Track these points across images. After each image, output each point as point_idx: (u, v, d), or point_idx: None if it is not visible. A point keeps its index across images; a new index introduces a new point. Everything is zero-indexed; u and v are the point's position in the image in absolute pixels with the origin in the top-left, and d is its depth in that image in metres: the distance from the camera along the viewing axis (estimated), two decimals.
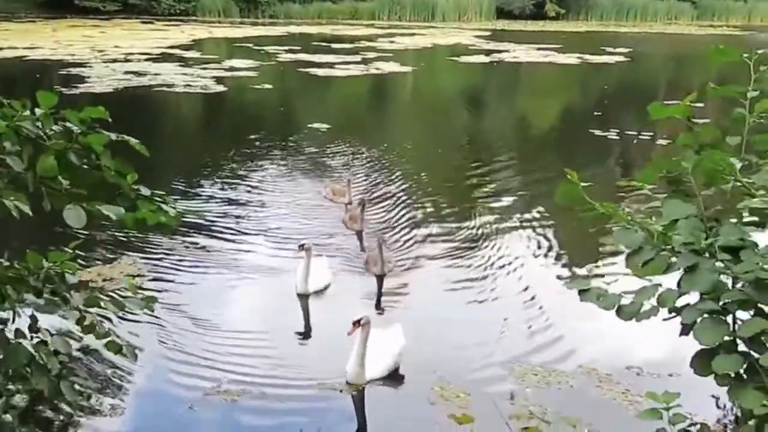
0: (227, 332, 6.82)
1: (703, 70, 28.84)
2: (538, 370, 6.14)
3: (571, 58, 31.84)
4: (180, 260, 8.47)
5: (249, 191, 11.49)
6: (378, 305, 7.53)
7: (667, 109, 2.87)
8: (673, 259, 2.72)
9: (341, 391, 5.81)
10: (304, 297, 7.54)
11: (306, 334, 7.03)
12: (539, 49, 35.24)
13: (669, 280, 2.77)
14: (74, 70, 22.98)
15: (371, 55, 30.63)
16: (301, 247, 7.55)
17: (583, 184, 2.87)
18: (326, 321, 7.18)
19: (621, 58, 32.70)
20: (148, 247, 8.68)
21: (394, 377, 6.09)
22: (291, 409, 5.62)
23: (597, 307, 2.92)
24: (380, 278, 7.99)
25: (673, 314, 2.79)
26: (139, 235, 8.89)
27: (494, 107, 23.14)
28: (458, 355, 6.44)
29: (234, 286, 7.90)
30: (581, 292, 2.98)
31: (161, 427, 5.37)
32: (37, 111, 3.41)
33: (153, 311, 4.22)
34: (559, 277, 8.44)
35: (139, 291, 7.45)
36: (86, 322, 4.04)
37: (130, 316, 6.06)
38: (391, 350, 6.13)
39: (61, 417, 5.27)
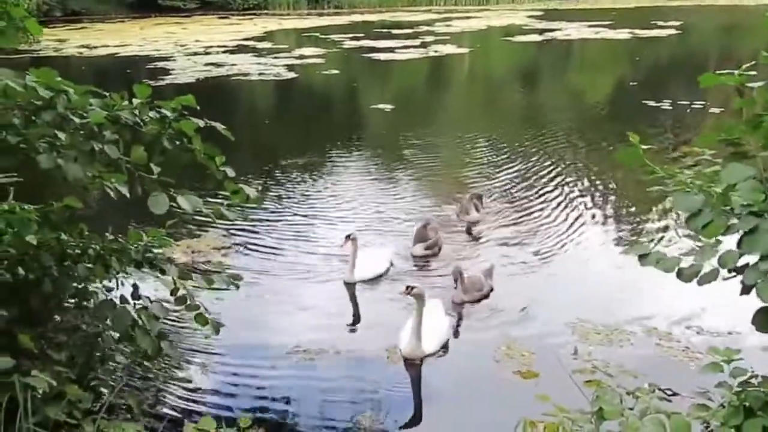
0: (303, 302, 6.88)
1: (753, 39, 27.57)
2: (600, 329, 6.04)
3: (621, 33, 30.83)
4: (260, 237, 8.58)
5: (321, 170, 11.57)
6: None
7: (717, 78, 2.76)
8: (733, 221, 2.62)
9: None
10: (350, 285, 7.14)
11: (358, 317, 6.72)
12: (590, 26, 34.24)
13: (728, 240, 2.67)
14: (160, 64, 23.45)
15: (429, 38, 30.30)
16: (348, 237, 7.20)
17: (643, 146, 2.81)
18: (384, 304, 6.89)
19: (672, 31, 31.50)
20: (232, 224, 8.80)
21: (461, 337, 6.08)
22: (364, 367, 5.67)
23: (656, 270, 2.85)
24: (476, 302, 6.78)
25: (734, 274, 2.70)
26: None
27: (549, 82, 22.60)
28: (523, 316, 6.39)
29: (307, 265, 7.73)
30: (641, 257, 2.91)
31: (246, 383, 5.48)
32: (134, 101, 3.51)
33: (238, 288, 4.30)
34: (618, 241, 8.28)
35: (225, 266, 7.72)
36: (179, 294, 4.17)
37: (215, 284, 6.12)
38: (442, 325, 5.96)
39: (158, 373, 5.45)
